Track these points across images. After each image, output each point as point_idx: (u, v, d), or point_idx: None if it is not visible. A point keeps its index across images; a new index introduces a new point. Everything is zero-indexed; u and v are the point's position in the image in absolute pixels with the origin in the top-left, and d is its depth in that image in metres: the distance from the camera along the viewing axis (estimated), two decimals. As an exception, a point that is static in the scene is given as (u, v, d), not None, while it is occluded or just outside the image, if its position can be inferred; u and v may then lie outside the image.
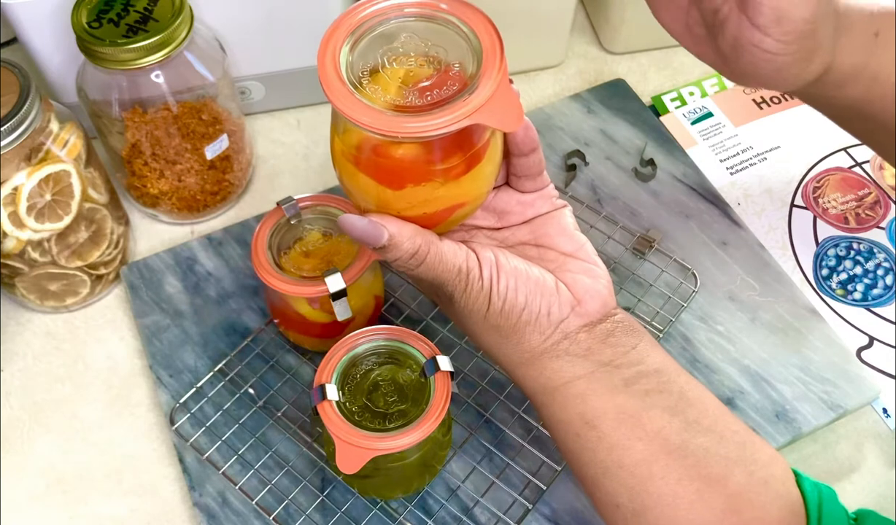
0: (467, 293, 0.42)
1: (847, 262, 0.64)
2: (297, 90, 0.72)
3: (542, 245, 0.45)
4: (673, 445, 0.41)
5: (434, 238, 0.42)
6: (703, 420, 0.42)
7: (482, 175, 0.41)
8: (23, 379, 0.59)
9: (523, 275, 0.42)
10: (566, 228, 0.45)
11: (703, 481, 0.40)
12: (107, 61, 0.54)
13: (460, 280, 0.42)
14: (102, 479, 0.55)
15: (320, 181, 0.69)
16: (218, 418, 0.55)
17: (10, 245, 0.54)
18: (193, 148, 0.61)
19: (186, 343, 0.59)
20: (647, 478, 0.41)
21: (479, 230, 0.46)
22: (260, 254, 0.52)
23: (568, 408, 0.43)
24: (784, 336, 0.58)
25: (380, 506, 0.52)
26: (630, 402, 0.42)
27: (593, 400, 0.42)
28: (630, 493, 0.41)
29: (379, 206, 0.40)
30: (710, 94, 0.75)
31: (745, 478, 0.40)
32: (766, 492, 0.40)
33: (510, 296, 0.42)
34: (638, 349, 0.43)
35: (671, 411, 0.42)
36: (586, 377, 0.42)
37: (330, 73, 0.37)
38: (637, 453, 0.41)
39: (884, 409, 0.57)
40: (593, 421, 0.42)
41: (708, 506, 0.40)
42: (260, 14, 0.64)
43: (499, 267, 0.42)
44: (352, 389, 0.47)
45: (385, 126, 0.36)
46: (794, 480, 0.42)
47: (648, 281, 0.60)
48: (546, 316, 0.42)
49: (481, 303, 0.42)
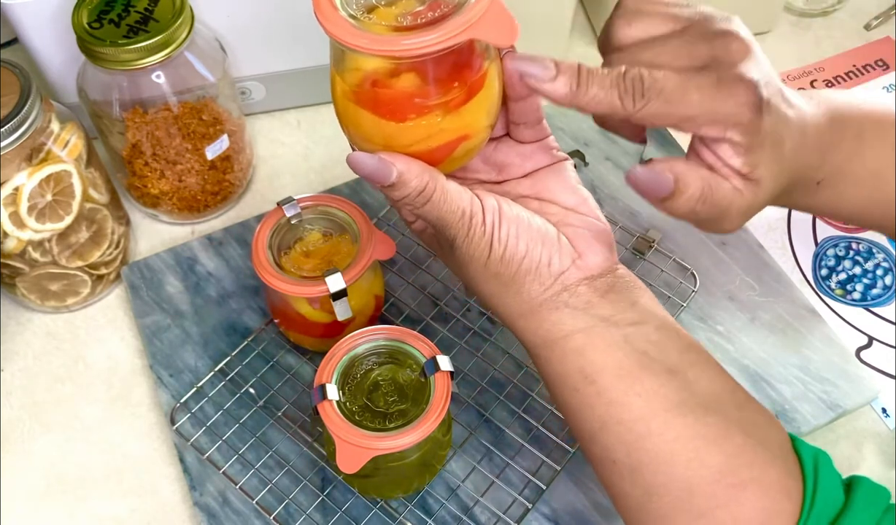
0: (469, 237, 0.42)
1: (846, 262, 0.64)
2: (298, 90, 0.72)
3: (544, 199, 0.45)
4: (671, 403, 0.40)
5: (440, 176, 0.41)
6: (701, 380, 0.42)
7: (482, 105, 0.41)
8: (23, 379, 0.59)
9: (525, 223, 0.42)
10: (568, 182, 0.45)
11: (700, 440, 0.40)
12: (107, 62, 0.54)
13: (463, 223, 0.41)
14: (103, 479, 0.55)
15: (320, 181, 0.69)
16: (218, 418, 0.55)
17: (11, 245, 0.54)
18: (194, 148, 0.61)
19: (187, 343, 0.59)
20: (645, 435, 0.40)
21: (481, 184, 0.46)
22: (260, 254, 0.52)
23: (566, 361, 0.42)
24: (783, 336, 0.59)
25: (380, 505, 0.52)
26: (629, 358, 0.41)
27: (592, 354, 0.42)
28: (627, 449, 0.41)
29: (382, 143, 0.41)
30: (709, 94, 0.75)
31: (742, 438, 0.40)
32: (763, 453, 0.40)
33: (511, 243, 0.42)
34: (638, 305, 0.43)
35: (670, 370, 0.41)
36: (585, 331, 0.42)
37: (326, 7, 0.38)
38: (635, 410, 0.41)
39: (883, 408, 0.58)
40: (592, 375, 0.42)
41: (705, 464, 0.40)
42: (260, 14, 0.64)
43: (501, 213, 0.42)
44: (352, 389, 0.47)
45: (382, 46, 0.37)
46: (790, 444, 0.42)
47: (648, 281, 0.60)
48: (546, 266, 0.42)
49: (483, 249, 0.42)
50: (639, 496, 0.41)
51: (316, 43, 0.67)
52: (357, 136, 0.42)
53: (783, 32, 0.79)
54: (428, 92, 0.39)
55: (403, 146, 0.41)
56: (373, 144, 0.41)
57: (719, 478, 0.39)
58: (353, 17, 0.38)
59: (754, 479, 0.39)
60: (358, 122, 0.41)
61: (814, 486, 0.39)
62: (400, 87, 0.39)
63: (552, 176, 0.45)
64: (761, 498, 0.39)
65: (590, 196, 0.45)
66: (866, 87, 0.74)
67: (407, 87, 0.39)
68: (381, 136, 0.40)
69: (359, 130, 0.41)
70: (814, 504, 0.39)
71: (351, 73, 0.40)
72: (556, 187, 0.45)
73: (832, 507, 0.39)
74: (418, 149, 0.41)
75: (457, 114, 0.40)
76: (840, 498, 0.39)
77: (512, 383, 0.56)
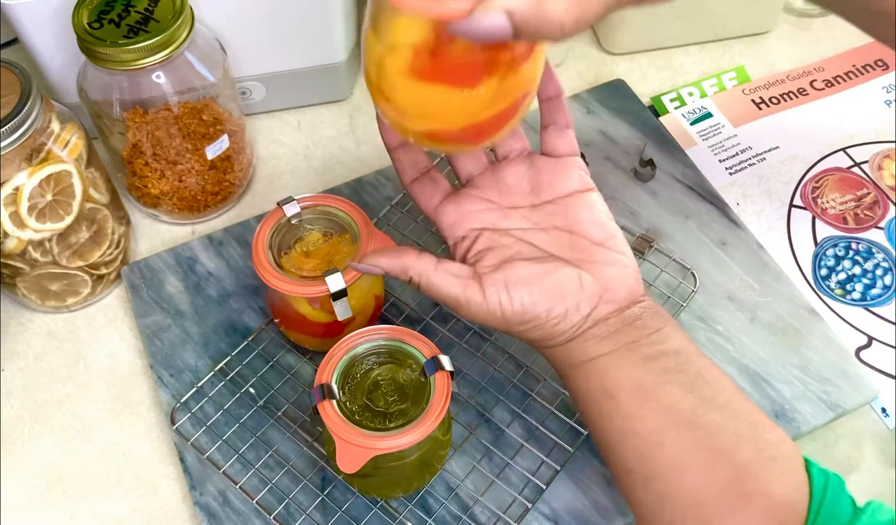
0: (470, 313, 0.45)
1: (846, 262, 0.64)
2: (298, 90, 0.72)
3: (575, 232, 0.48)
4: (684, 418, 0.43)
5: (430, 269, 0.45)
6: (717, 399, 0.43)
7: (540, 56, 0.40)
8: (23, 378, 0.59)
9: (538, 285, 0.45)
10: (598, 217, 0.48)
11: (711, 452, 0.42)
12: (108, 62, 0.54)
13: (458, 306, 0.45)
14: (103, 479, 0.55)
15: (320, 181, 0.69)
16: (218, 418, 0.55)
17: (12, 245, 0.55)
18: (194, 148, 0.61)
19: (187, 343, 0.59)
20: (658, 446, 0.43)
21: (517, 210, 0.49)
22: (260, 254, 0.52)
23: (590, 380, 0.45)
24: (783, 336, 0.59)
25: (380, 505, 0.52)
26: (648, 376, 0.44)
27: (614, 373, 0.44)
28: (641, 460, 0.43)
29: (445, 117, 0.39)
30: (709, 94, 0.75)
31: (752, 453, 0.42)
32: (772, 468, 0.41)
33: (528, 306, 0.45)
34: (662, 332, 0.45)
35: (686, 388, 0.43)
36: (610, 354, 0.45)
37: None
38: (650, 423, 0.43)
39: (882, 408, 0.58)
40: (612, 391, 0.44)
41: (714, 475, 0.41)
42: (260, 14, 0.64)
43: (508, 285, 0.45)
44: (352, 389, 0.47)
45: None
46: (802, 463, 0.42)
47: (648, 281, 0.60)
48: (575, 311, 0.45)
49: (492, 315, 0.45)
50: (652, 503, 0.43)
51: (316, 43, 0.68)
52: (410, 115, 0.39)
53: (783, 32, 0.80)
54: (498, 47, 0.37)
55: (471, 115, 0.38)
56: (430, 123, 0.39)
57: (728, 488, 0.41)
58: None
59: (760, 492, 0.40)
60: (419, 99, 0.38)
61: (820, 503, 0.40)
62: (469, 49, 0.36)
63: (584, 208, 0.48)
64: (766, 509, 0.40)
65: (619, 231, 0.48)
66: (866, 88, 0.74)
67: (475, 48, 0.36)
68: (447, 110, 0.38)
69: (416, 107, 0.39)
70: (817, 519, 0.40)
71: (404, 48, 0.37)
72: (588, 221, 0.48)
73: (837, 523, 0.40)
74: (488, 115, 0.39)
75: (521, 69, 0.38)
76: (847, 517, 0.40)
77: (512, 383, 0.56)
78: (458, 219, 0.49)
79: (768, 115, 0.73)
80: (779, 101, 0.74)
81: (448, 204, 0.50)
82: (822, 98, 0.74)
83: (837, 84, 0.75)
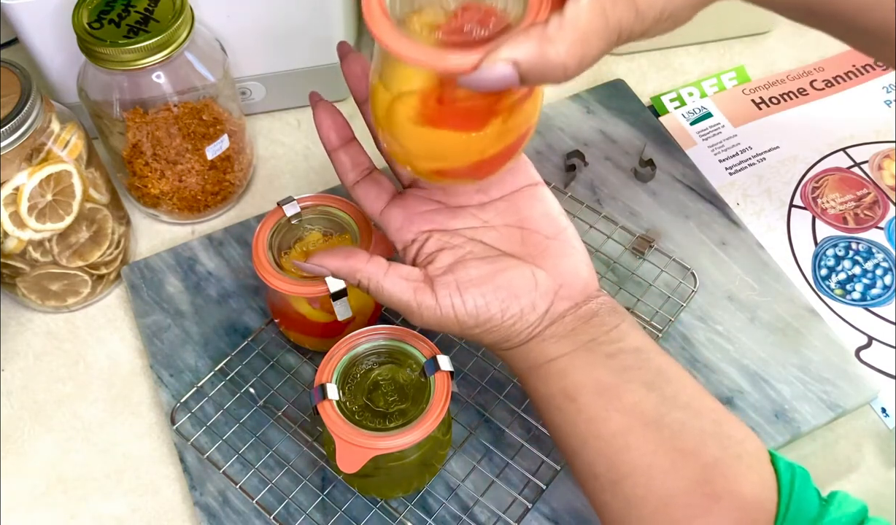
0: (423, 319, 0.44)
1: (846, 262, 0.64)
2: (298, 90, 0.72)
3: (526, 228, 0.47)
4: (649, 418, 0.42)
5: (380, 273, 0.44)
6: (679, 396, 0.43)
7: (540, 93, 0.41)
8: (24, 378, 0.59)
9: (491, 286, 0.44)
10: (548, 211, 0.47)
11: (677, 452, 0.41)
12: (108, 62, 0.54)
13: (410, 312, 0.44)
14: (103, 479, 0.55)
15: (320, 181, 0.69)
16: (218, 418, 0.55)
17: (12, 245, 0.55)
18: (194, 148, 0.61)
19: (187, 343, 0.59)
20: (623, 448, 0.42)
21: (465, 209, 0.48)
22: (260, 254, 0.52)
23: (550, 383, 0.44)
24: (783, 336, 0.59)
25: (380, 505, 0.52)
26: (609, 376, 0.43)
27: (574, 374, 0.44)
28: (607, 463, 0.42)
29: (454, 157, 0.40)
30: (709, 94, 0.75)
31: (718, 451, 0.41)
32: (738, 465, 0.41)
33: (482, 311, 0.44)
34: (620, 328, 0.44)
35: (648, 386, 0.43)
36: (569, 355, 0.44)
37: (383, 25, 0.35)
38: (614, 424, 0.42)
39: (882, 408, 0.58)
40: (573, 394, 0.43)
41: (681, 476, 0.41)
42: (260, 14, 0.64)
43: (460, 288, 0.44)
44: (352, 389, 0.47)
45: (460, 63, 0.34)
46: (768, 458, 0.42)
47: (648, 281, 0.60)
48: (531, 310, 0.44)
49: (445, 318, 0.44)
50: (620, 507, 0.42)
51: (316, 43, 0.68)
52: (427, 157, 0.41)
53: (783, 32, 0.80)
54: (502, 93, 0.38)
55: (479, 152, 0.40)
56: (437, 161, 0.40)
57: (695, 488, 0.40)
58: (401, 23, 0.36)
59: (729, 491, 0.40)
60: (429, 143, 0.39)
61: (788, 498, 0.40)
62: (476, 96, 0.37)
63: (534, 203, 0.47)
64: (736, 508, 0.40)
65: (570, 226, 0.47)
66: (866, 88, 0.74)
67: (481, 94, 0.37)
68: (453, 150, 0.40)
69: (425, 148, 0.40)
70: (787, 515, 0.39)
71: (412, 96, 0.38)
72: (537, 214, 0.47)
73: (806, 518, 0.39)
74: (495, 151, 0.40)
75: (524, 107, 0.39)
76: (815, 510, 0.40)
77: (512, 383, 0.56)
78: (405, 221, 0.47)
79: (768, 115, 0.73)
80: (779, 101, 0.74)
81: (394, 206, 0.48)
82: (822, 98, 0.74)
83: (837, 84, 0.75)
